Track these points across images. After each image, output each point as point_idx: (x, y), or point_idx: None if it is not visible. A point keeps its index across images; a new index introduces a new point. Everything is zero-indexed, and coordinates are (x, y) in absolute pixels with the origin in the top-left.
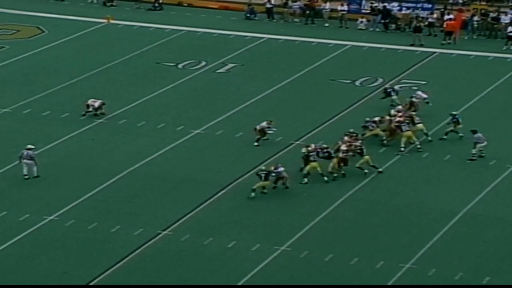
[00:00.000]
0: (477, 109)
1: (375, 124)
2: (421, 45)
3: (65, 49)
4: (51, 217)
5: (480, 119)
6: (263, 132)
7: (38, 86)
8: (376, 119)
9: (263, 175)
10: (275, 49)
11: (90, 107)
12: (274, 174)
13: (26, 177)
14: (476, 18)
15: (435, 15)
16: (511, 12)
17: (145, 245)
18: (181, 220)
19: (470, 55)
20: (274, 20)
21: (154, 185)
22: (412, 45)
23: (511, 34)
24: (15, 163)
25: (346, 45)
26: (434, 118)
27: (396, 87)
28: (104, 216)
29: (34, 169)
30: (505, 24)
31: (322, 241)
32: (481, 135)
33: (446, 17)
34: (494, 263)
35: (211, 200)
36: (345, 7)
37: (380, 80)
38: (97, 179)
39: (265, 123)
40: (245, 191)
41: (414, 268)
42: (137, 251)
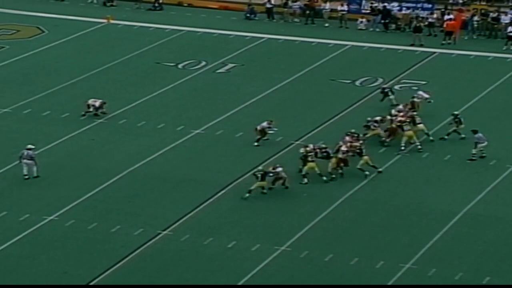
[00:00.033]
0: (477, 109)
1: (377, 124)
2: (421, 45)
3: (65, 49)
4: (51, 217)
5: (480, 119)
6: (264, 132)
7: (38, 86)
8: (378, 118)
9: (260, 175)
10: (275, 49)
11: (91, 107)
12: (271, 174)
13: (26, 177)
14: (476, 18)
15: (435, 15)
16: (511, 12)
17: (145, 245)
18: (181, 220)
19: (470, 55)
20: (274, 20)
21: (154, 185)
22: (412, 45)
23: (511, 34)
24: (15, 163)
25: (346, 45)
26: (434, 118)
27: (396, 87)
28: (104, 216)
29: (34, 169)
30: (505, 24)
31: (322, 241)
32: (481, 135)
33: (446, 17)
34: (494, 263)
35: (211, 200)
36: (345, 7)
37: (380, 80)
38: (97, 179)
39: (265, 123)
40: (245, 191)
41: (414, 268)
42: (137, 251)
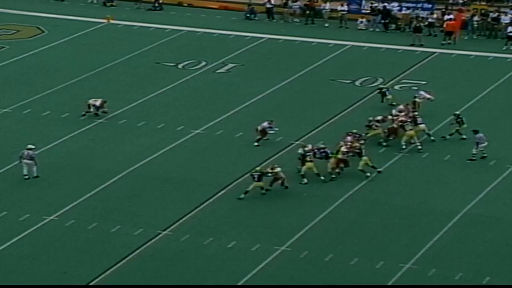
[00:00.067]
0: (477, 109)
1: (378, 124)
2: (421, 45)
3: (65, 49)
4: (51, 217)
5: (480, 119)
6: (264, 132)
7: (38, 86)
8: (379, 118)
9: (257, 176)
10: (275, 49)
11: (92, 107)
12: (269, 174)
13: (26, 177)
14: (476, 18)
15: (435, 15)
16: (511, 12)
17: (145, 245)
18: (181, 220)
19: (470, 55)
20: (274, 20)
21: (154, 185)
22: (412, 45)
23: (511, 34)
24: (15, 163)
25: (346, 45)
26: (434, 118)
27: (396, 87)
28: (104, 216)
29: (34, 169)
30: (505, 24)
31: (322, 241)
32: (482, 135)
33: (446, 17)
34: (494, 263)
35: (211, 200)
36: (345, 7)
37: (380, 80)
38: (97, 179)
39: (266, 123)
40: (242, 192)
41: (414, 268)
42: (137, 251)
